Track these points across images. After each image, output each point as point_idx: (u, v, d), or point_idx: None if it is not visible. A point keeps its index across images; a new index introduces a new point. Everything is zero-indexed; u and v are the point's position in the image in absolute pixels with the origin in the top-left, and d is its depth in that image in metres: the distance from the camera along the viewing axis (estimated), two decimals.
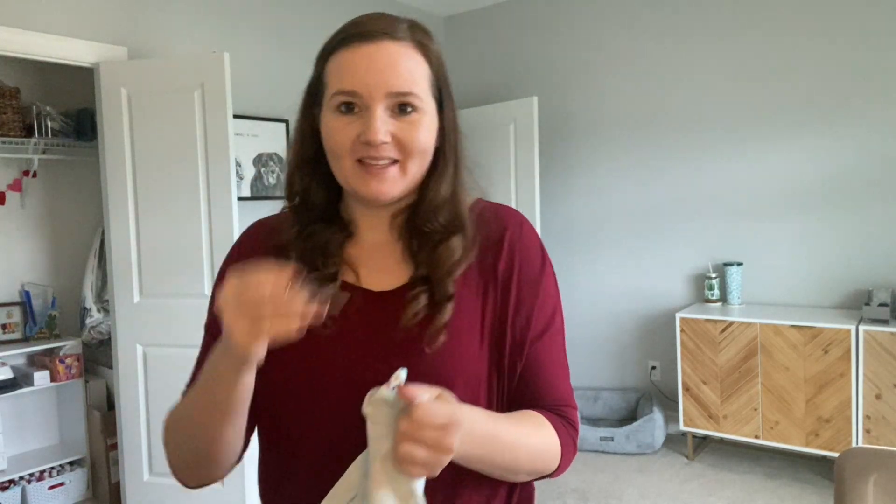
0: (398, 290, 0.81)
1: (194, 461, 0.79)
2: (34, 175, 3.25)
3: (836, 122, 3.28)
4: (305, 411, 0.78)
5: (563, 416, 0.83)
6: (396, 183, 0.77)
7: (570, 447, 0.82)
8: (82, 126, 3.27)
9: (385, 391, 0.64)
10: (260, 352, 0.65)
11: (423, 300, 0.78)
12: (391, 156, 0.75)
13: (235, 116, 2.96)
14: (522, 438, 0.76)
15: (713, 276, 3.56)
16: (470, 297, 0.81)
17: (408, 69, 0.74)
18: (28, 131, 3.12)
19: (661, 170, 3.82)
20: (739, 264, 3.53)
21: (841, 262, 3.31)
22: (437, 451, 0.61)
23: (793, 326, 3.03)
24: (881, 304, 2.96)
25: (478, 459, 0.71)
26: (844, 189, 3.27)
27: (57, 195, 3.41)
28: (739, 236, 3.58)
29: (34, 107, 3.14)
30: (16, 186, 3.23)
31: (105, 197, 2.82)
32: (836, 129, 3.28)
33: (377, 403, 0.65)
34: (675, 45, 3.73)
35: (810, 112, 3.34)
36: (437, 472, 0.63)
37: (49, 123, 3.15)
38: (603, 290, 4.08)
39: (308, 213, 0.83)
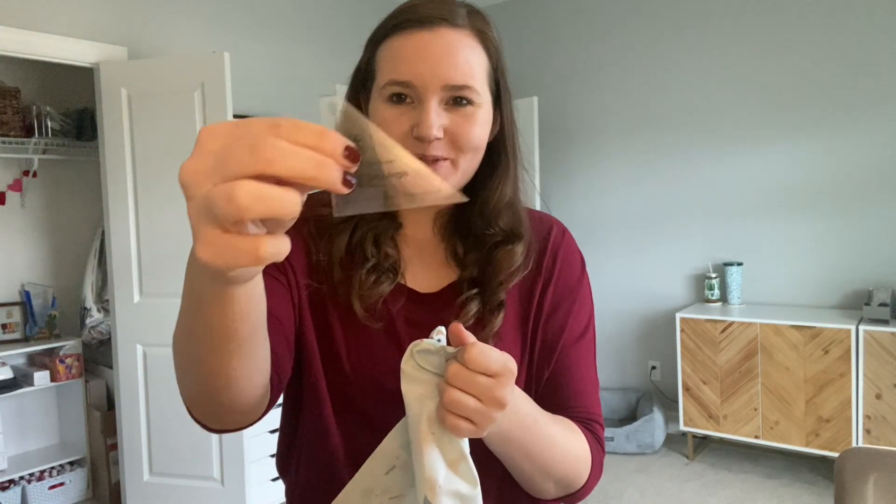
0: (442, 291, 0.78)
1: (202, 396, 0.60)
2: (34, 175, 3.24)
3: (837, 123, 3.28)
4: (357, 404, 0.76)
5: (592, 433, 0.77)
6: (448, 178, 0.72)
7: (598, 467, 0.76)
8: (82, 126, 3.27)
9: (429, 340, 0.58)
10: (254, 269, 0.43)
11: (474, 306, 0.75)
12: (442, 153, 0.70)
13: (235, 116, 2.96)
14: (559, 436, 0.70)
15: (713, 276, 3.56)
16: (515, 302, 0.78)
17: (466, 59, 0.69)
18: (28, 131, 3.12)
19: (661, 170, 3.82)
20: (739, 264, 3.53)
21: (841, 262, 3.31)
22: (489, 402, 0.55)
23: (793, 326, 3.03)
24: (881, 304, 2.96)
25: (515, 442, 0.65)
26: (844, 189, 3.27)
27: (57, 195, 3.41)
28: (739, 236, 3.58)
29: (34, 107, 3.14)
30: (16, 186, 3.23)
31: (105, 197, 2.82)
32: (836, 129, 3.28)
33: (421, 355, 0.58)
34: (675, 45, 3.73)
35: (811, 112, 3.34)
36: (484, 431, 0.57)
37: (49, 123, 3.15)
38: (603, 290, 4.07)
39: None
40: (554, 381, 0.78)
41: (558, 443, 0.69)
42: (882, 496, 1.16)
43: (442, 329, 0.60)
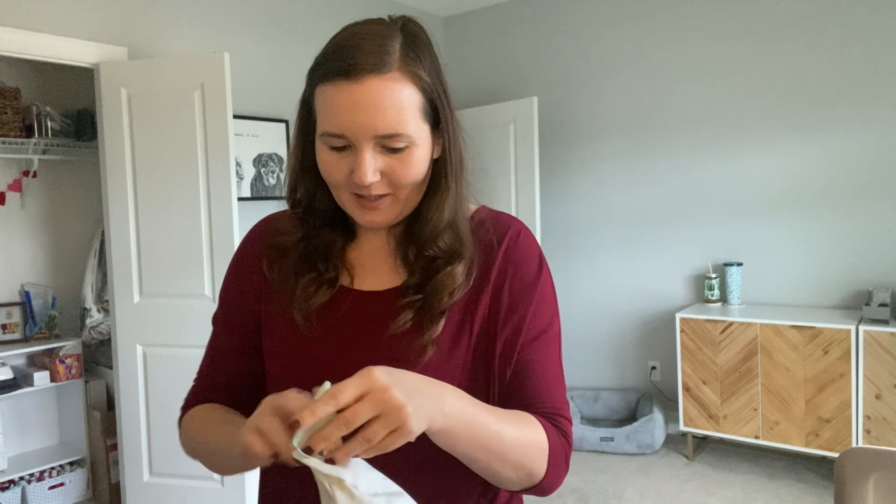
0: (387, 291, 0.81)
1: (218, 471, 0.84)
2: (34, 175, 3.25)
3: (837, 122, 3.28)
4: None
5: (557, 427, 0.78)
6: (390, 211, 0.77)
7: (560, 458, 0.77)
8: (82, 126, 3.27)
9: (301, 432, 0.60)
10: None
11: (411, 313, 0.77)
12: (382, 191, 0.75)
13: (235, 116, 2.96)
14: (507, 425, 0.72)
15: (713, 276, 3.56)
16: (458, 309, 0.80)
17: (394, 107, 0.71)
18: (28, 131, 3.12)
19: (661, 170, 3.82)
20: (739, 264, 3.53)
21: (841, 262, 3.31)
22: (387, 412, 0.58)
23: (793, 326, 3.03)
24: (881, 304, 2.96)
25: (458, 437, 0.67)
26: (844, 189, 3.27)
27: (57, 195, 3.41)
28: (739, 236, 3.59)
29: (34, 107, 3.14)
30: (16, 186, 3.23)
31: (105, 197, 2.82)
32: (836, 128, 3.28)
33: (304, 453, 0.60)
34: (674, 45, 3.73)
35: (810, 112, 3.34)
36: (408, 433, 0.59)
37: (49, 123, 3.15)
38: (603, 290, 4.08)
39: (314, 218, 0.83)
40: (516, 379, 0.79)
41: (506, 431, 0.71)
42: (882, 496, 1.16)
43: (324, 386, 0.61)
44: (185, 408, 0.89)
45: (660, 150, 3.82)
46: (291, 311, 0.80)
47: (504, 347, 0.80)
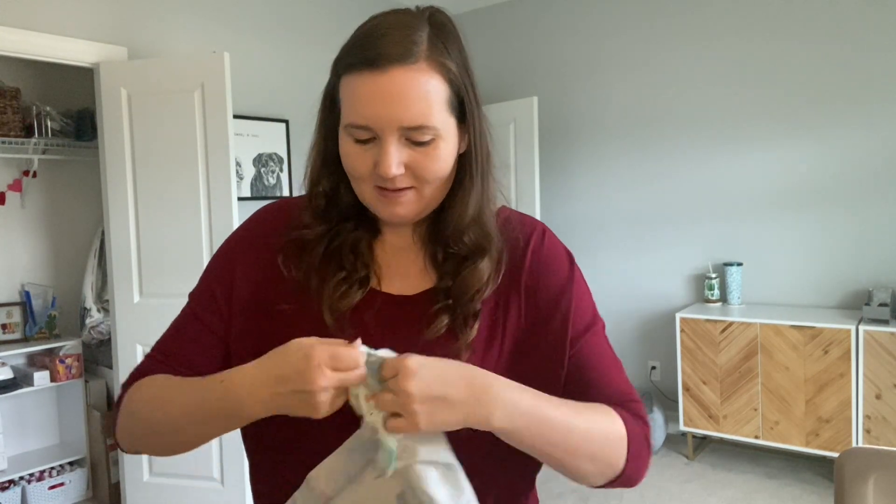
0: (418, 296, 0.79)
1: (158, 447, 0.79)
2: (34, 175, 3.24)
3: (836, 122, 3.28)
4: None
5: (630, 411, 0.78)
6: (413, 206, 0.75)
7: (640, 442, 0.76)
8: (82, 126, 3.27)
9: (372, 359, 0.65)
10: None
11: (446, 318, 0.76)
12: (406, 184, 0.73)
13: (235, 116, 2.96)
14: (576, 419, 0.71)
15: (713, 276, 3.56)
16: (489, 310, 0.79)
17: (421, 98, 0.69)
18: (28, 131, 3.12)
19: (661, 170, 3.82)
20: (739, 264, 3.53)
21: (841, 262, 3.31)
22: (401, 396, 0.62)
23: (793, 326, 3.03)
24: (881, 304, 2.96)
25: (525, 432, 0.67)
26: (844, 189, 3.27)
27: (57, 195, 3.41)
28: (739, 236, 3.59)
29: (34, 107, 3.14)
30: (16, 186, 3.23)
31: (105, 197, 2.82)
32: (836, 128, 3.28)
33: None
34: (675, 46, 3.73)
35: (811, 112, 3.34)
36: (417, 425, 0.62)
37: (49, 123, 3.15)
38: (603, 290, 4.07)
39: (337, 212, 0.80)
40: (577, 377, 0.79)
41: (576, 423, 0.71)
42: (882, 496, 1.16)
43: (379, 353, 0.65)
44: (131, 383, 0.80)
45: (659, 150, 3.82)
46: (318, 311, 0.76)
47: (552, 349, 0.79)
